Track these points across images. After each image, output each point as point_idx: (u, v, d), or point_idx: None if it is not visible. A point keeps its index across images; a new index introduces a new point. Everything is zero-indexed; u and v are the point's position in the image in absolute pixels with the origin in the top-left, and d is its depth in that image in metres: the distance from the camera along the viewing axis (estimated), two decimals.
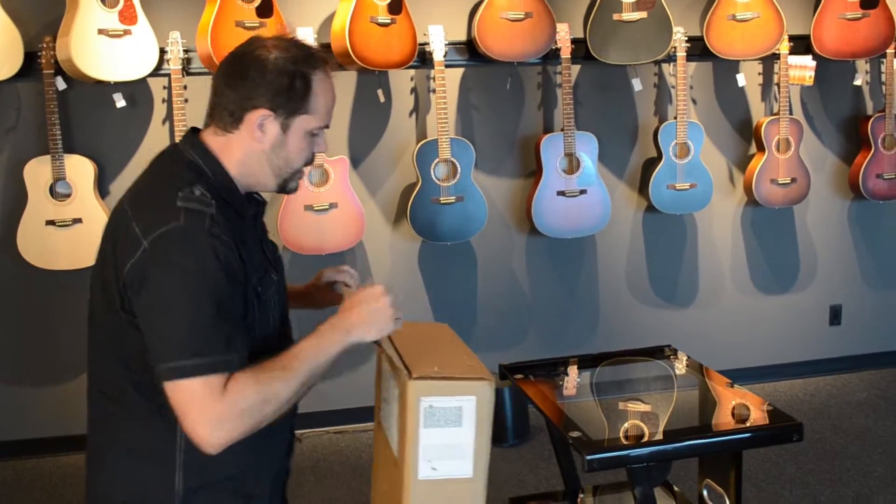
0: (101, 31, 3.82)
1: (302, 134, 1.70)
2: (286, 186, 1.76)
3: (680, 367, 2.68)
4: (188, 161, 1.69)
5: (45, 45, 3.90)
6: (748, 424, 2.18)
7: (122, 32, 3.86)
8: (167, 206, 1.58)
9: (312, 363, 1.62)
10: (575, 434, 1.98)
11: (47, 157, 3.95)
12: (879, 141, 4.73)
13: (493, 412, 1.70)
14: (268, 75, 1.65)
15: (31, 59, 3.90)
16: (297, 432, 1.88)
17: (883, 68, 4.77)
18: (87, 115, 4.11)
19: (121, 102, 4.06)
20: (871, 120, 4.73)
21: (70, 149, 4.05)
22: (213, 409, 1.52)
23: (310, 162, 1.77)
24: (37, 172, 3.97)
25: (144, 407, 1.65)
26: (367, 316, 1.68)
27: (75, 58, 3.76)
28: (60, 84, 3.98)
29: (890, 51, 4.65)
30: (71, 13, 3.82)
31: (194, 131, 1.75)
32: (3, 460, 4.23)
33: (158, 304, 1.55)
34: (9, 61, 3.84)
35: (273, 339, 1.76)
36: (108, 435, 1.72)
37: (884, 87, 4.76)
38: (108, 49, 3.83)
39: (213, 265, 1.56)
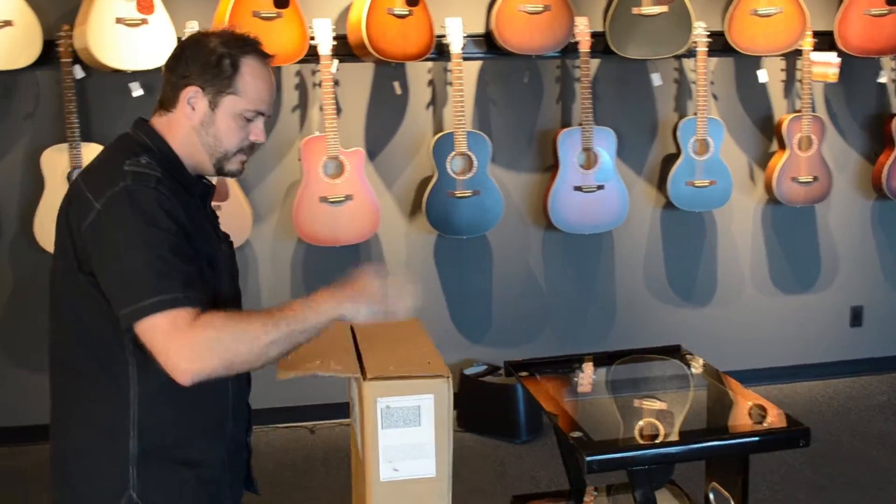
0: (118, 20, 3.82)
1: (231, 115, 1.76)
2: (222, 168, 1.81)
3: (691, 367, 2.64)
4: (137, 141, 1.78)
5: (63, 34, 3.91)
6: (754, 428, 2.13)
7: (139, 21, 3.86)
8: (115, 172, 1.67)
9: (297, 324, 1.63)
10: (575, 434, 1.95)
11: (65, 146, 3.97)
12: None
13: (452, 409, 1.69)
14: (199, 55, 1.75)
15: (49, 47, 3.92)
16: (310, 424, 1.89)
17: None
18: (104, 104, 4.12)
19: (137, 91, 4.06)
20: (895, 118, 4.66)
21: (87, 137, 4.06)
22: (181, 340, 1.56)
23: (246, 148, 1.81)
24: (54, 160, 3.98)
25: (100, 377, 1.71)
26: (361, 297, 1.69)
27: (92, 47, 3.76)
28: (78, 72, 3.99)
29: None
30: (89, 2, 3.83)
31: (143, 119, 1.83)
32: (25, 444, 4.25)
33: (115, 257, 1.61)
34: (28, 49, 3.86)
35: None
36: (68, 407, 1.78)
37: None
38: (125, 38, 3.83)
39: (162, 215, 1.63)
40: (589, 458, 1.86)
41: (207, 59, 1.73)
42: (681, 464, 2.21)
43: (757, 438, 2.04)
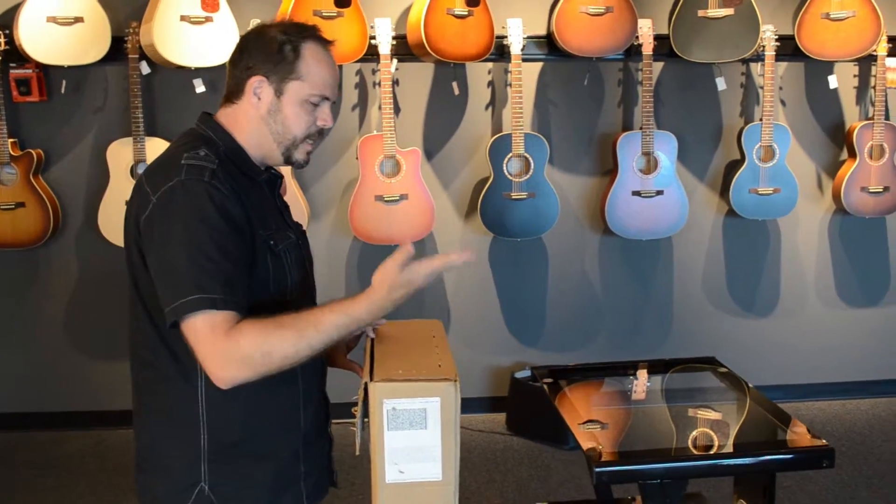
0: (183, 18, 3.91)
1: (297, 101, 1.77)
2: (291, 157, 1.82)
3: (721, 379, 2.55)
4: (199, 134, 1.80)
5: (131, 31, 4.02)
6: (775, 446, 2.05)
7: (203, 19, 3.94)
8: (173, 166, 1.70)
9: (328, 335, 1.65)
10: (588, 444, 1.92)
11: (129, 140, 4.07)
12: None
13: (459, 413, 1.66)
14: (261, 44, 1.77)
15: (118, 43, 4.03)
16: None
17: None
18: (168, 100, 4.22)
19: (200, 88, 4.15)
20: None
21: (152, 132, 4.16)
22: (217, 346, 1.59)
23: (314, 134, 1.82)
24: (119, 154, 4.09)
25: (171, 368, 1.73)
26: (387, 297, 1.69)
27: (157, 43, 3.86)
28: (145, 68, 4.09)
29: None
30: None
31: (208, 113, 1.85)
32: (81, 429, 4.38)
33: (163, 252, 1.64)
34: (97, 45, 3.98)
35: (292, 297, 1.80)
36: (145, 399, 1.82)
37: None
38: (189, 35, 3.92)
39: (212, 211, 1.64)
40: (598, 470, 1.83)
41: (270, 48, 1.75)
42: (710, 479, 2.16)
43: (776, 457, 1.97)
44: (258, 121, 1.78)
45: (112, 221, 4.09)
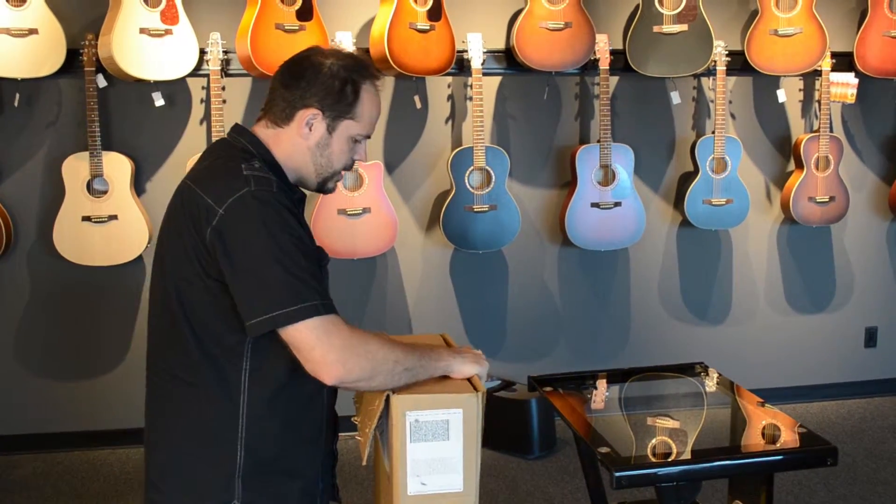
0: (142, 31, 3.85)
1: (345, 137, 1.83)
2: (325, 186, 1.88)
3: (711, 384, 2.64)
4: (240, 147, 1.81)
5: (87, 43, 3.94)
6: (781, 446, 2.13)
7: (163, 32, 3.89)
8: (235, 177, 1.70)
9: (426, 361, 1.75)
10: (604, 450, 1.95)
11: (85, 154, 3.99)
12: None
13: (481, 424, 1.70)
14: (321, 78, 1.79)
15: (73, 56, 3.95)
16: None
17: None
18: (126, 113, 4.15)
19: (159, 101, 4.09)
20: None
21: (108, 146, 4.08)
22: (341, 341, 1.63)
23: (349, 167, 1.89)
24: (75, 168, 4.01)
25: (215, 387, 1.72)
26: (469, 357, 1.83)
27: (116, 56, 3.79)
28: (101, 81, 4.02)
29: None
30: (114, 12, 3.86)
31: (242, 127, 1.86)
32: (34, 452, 4.26)
33: (252, 264, 1.63)
34: (51, 58, 3.89)
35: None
36: (172, 417, 1.79)
37: None
38: (148, 48, 3.86)
39: (293, 221, 1.68)
40: (618, 474, 1.87)
41: (331, 85, 1.78)
42: (702, 483, 2.21)
43: (785, 457, 2.04)
44: (304, 150, 1.81)
45: (68, 238, 4.00)
